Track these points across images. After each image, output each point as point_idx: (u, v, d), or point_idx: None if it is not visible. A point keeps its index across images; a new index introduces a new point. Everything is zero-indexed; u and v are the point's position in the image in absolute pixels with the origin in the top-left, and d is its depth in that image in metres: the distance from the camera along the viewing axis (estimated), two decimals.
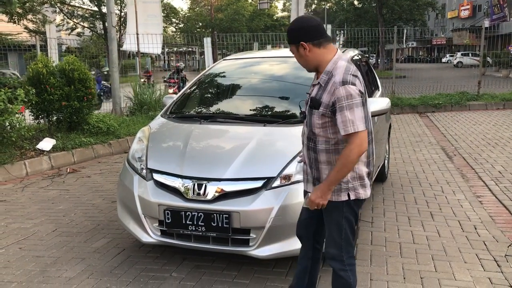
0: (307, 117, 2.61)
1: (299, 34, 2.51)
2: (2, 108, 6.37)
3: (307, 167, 2.71)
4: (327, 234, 2.70)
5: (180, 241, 3.43)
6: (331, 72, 2.48)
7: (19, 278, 3.56)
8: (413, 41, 59.10)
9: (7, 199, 5.61)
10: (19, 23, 24.37)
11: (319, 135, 2.54)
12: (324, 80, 2.50)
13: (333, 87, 2.43)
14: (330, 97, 2.44)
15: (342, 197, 2.54)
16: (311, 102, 2.55)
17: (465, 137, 9.06)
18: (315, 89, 2.56)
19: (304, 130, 2.69)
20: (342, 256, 2.65)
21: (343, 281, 2.68)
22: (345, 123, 2.38)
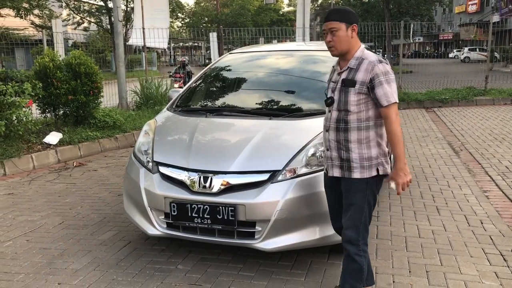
0: (340, 98, 2.75)
1: (353, 17, 2.75)
2: (9, 102, 6.40)
3: (331, 152, 2.82)
4: (347, 216, 2.78)
5: (186, 233, 3.44)
6: (361, 57, 2.73)
7: (26, 269, 3.59)
8: (420, 36, 58.77)
9: (14, 192, 5.65)
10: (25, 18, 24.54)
11: (353, 113, 2.71)
12: (355, 64, 2.72)
13: (370, 65, 2.67)
14: (366, 75, 2.66)
15: (373, 172, 2.73)
16: (345, 82, 2.73)
17: (472, 132, 9.02)
18: (345, 73, 2.75)
19: (330, 115, 2.82)
20: (358, 240, 2.76)
21: (356, 266, 2.76)
22: (386, 94, 2.64)
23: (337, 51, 2.76)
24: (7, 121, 6.53)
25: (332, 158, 2.83)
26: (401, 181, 2.67)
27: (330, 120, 2.82)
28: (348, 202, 2.79)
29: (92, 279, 3.42)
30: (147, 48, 13.04)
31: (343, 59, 2.81)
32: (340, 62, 2.84)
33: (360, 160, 2.73)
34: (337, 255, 3.68)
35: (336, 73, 2.84)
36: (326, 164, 2.91)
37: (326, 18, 2.76)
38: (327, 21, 2.73)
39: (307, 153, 3.42)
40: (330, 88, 2.87)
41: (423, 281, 3.32)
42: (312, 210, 3.27)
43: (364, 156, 2.73)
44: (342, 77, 2.76)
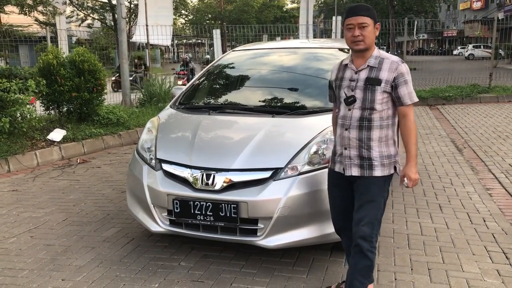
0: (364, 96, 2.75)
1: (376, 16, 2.80)
2: (13, 99, 6.43)
3: (350, 151, 2.82)
4: (364, 213, 2.78)
5: (188, 230, 3.46)
6: (379, 56, 2.77)
7: (31, 265, 3.62)
8: (424, 33, 58.55)
9: (18, 188, 5.68)
10: (29, 15, 24.60)
11: (377, 111, 2.75)
12: (375, 62, 2.76)
13: (394, 65, 2.73)
14: (391, 74, 2.72)
15: (392, 170, 2.81)
16: (370, 81, 2.74)
17: (476, 129, 9.00)
18: (366, 71, 2.76)
19: (350, 114, 2.81)
20: (372, 237, 2.77)
21: (368, 263, 2.77)
22: (410, 94, 2.74)
23: (364, 46, 2.73)
24: (11, 118, 6.56)
25: (351, 157, 2.81)
26: (414, 177, 2.75)
27: (351, 119, 2.80)
28: (366, 199, 2.79)
29: (96, 276, 3.44)
30: (150, 45, 13.05)
31: (360, 57, 2.79)
32: (354, 60, 2.82)
33: (380, 158, 2.77)
34: (339, 253, 3.69)
35: (351, 71, 2.81)
36: (342, 163, 2.86)
37: (353, 12, 2.74)
38: (357, 16, 2.72)
39: (310, 150, 3.43)
40: (347, 86, 2.82)
41: (425, 279, 3.32)
42: (314, 208, 3.28)
43: (384, 154, 2.78)
44: (363, 76, 2.75)
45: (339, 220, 3.04)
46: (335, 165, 2.93)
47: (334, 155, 2.96)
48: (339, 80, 2.89)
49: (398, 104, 2.76)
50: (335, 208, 3.04)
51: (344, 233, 3.04)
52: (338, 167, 2.90)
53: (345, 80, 2.84)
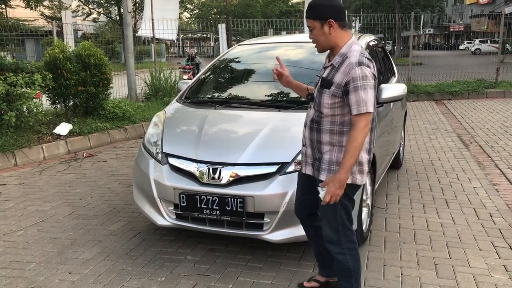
0: (316, 97, 2.66)
1: (328, 11, 2.52)
2: (19, 93, 6.45)
3: (306, 149, 2.75)
4: (322, 217, 2.73)
5: (195, 224, 3.47)
6: (346, 54, 2.53)
7: (38, 259, 3.64)
8: (430, 28, 58.20)
9: (25, 182, 5.71)
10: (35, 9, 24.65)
11: (327, 115, 2.58)
12: (338, 61, 2.54)
13: (349, 67, 2.47)
14: (343, 77, 2.48)
15: None
16: (322, 82, 2.59)
17: (482, 125, 8.95)
18: (327, 70, 2.61)
19: (309, 112, 2.74)
20: (340, 240, 2.68)
21: (341, 265, 2.72)
22: (358, 102, 2.44)
23: (319, 49, 2.63)
24: (18, 112, 6.58)
25: (307, 155, 2.75)
26: (333, 190, 2.46)
27: (308, 117, 2.73)
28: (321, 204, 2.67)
29: (102, 269, 3.46)
30: (156, 40, 13.04)
31: (331, 54, 2.63)
32: (330, 56, 2.66)
33: (329, 164, 2.60)
34: None
35: (323, 66, 2.70)
36: (301, 159, 2.84)
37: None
38: (306, 19, 2.60)
39: None
40: (314, 82, 2.76)
41: (432, 274, 3.32)
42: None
43: (333, 160, 2.58)
44: (323, 75, 2.62)
45: (298, 212, 2.98)
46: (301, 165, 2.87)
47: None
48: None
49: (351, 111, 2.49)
50: (296, 200, 2.97)
51: (303, 223, 3.03)
52: (301, 165, 2.88)
53: (319, 76, 2.70)
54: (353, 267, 2.71)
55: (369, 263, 3.48)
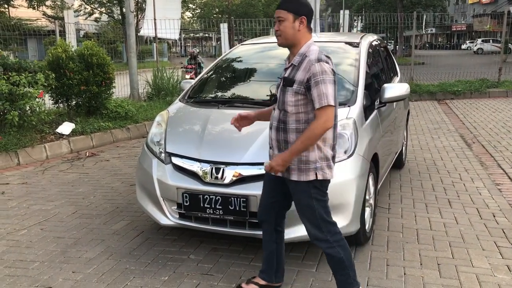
0: (280, 97, 2.70)
1: (304, 8, 2.64)
2: (22, 92, 6.46)
3: (273, 151, 2.78)
4: (301, 217, 2.79)
5: (198, 224, 3.47)
6: (305, 54, 2.63)
7: (41, 258, 3.65)
8: (432, 28, 58.12)
9: (28, 181, 5.72)
10: (38, 9, 24.68)
11: (291, 114, 2.64)
12: (298, 60, 2.64)
13: (309, 64, 2.58)
14: (305, 74, 2.58)
15: (310, 177, 2.66)
16: (285, 81, 2.66)
17: (485, 124, 8.94)
18: (288, 70, 2.68)
19: (273, 114, 2.77)
20: (325, 235, 2.74)
21: (334, 259, 2.77)
22: (320, 96, 2.54)
23: (281, 41, 2.66)
24: (21, 111, 6.60)
25: (273, 157, 2.75)
26: (274, 164, 2.61)
27: (273, 118, 2.76)
28: (296, 202, 2.78)
29: (106, 268, 3.46)
30: (158, 39, 13.04)
31: (291, 53, 2.71)
32: (289, 56, 2.74)
33: (298, 163, 2.65)
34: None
35: (284, 68, 2.75)
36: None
37: (278, 5, 2.66)
38: (277, 9, 2.64)
39: None
40: (276, 84, 2.79)
41: (435, 274, 3.31)
42: None
43: (302, 158, 2.64)
44: (284, 75, 2.69)
45: (262, 213, 2.99)
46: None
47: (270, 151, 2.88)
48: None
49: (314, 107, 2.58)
50: (263, 201, 2.99)
51: (264, 225, 3.02)
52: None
53: (281, 75, 2.76)
54: (345, 257, 2.77)
55: (372, 263, 3.48)
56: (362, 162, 3.51)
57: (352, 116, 3.68)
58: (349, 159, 3.43)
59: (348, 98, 3.96)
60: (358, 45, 4.63)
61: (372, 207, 3.94)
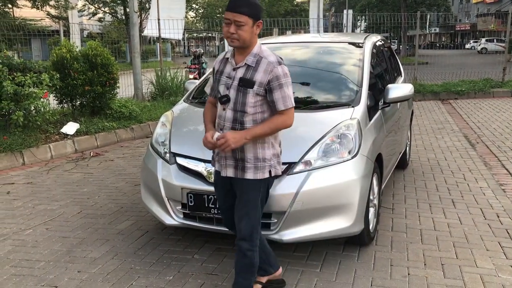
0: (238, 98, 2.67)
1: (260, 13, 2.66)
2: (27, 93, 6.50)
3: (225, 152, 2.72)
4: (243, 214, 2.77)
5: (202, 224, 3.49)
6: (258, 54, 2.65)
7: (47, 257, 3.68)
8: (436, 27, 57.98)
9: (33, 181, 5.75)
10: (42, 9, 24.77)
11: (249, 114, 2.67)
12: (253, 61, 2.64)
13: (270, 66, 2.61)
14: (266, 76, 2.61)
15: (266, 174, 2.74)
16: (242, 82, 2.64)
17: (489, 124, 8.92)
18: (242, 70, 2.66)
19: (225, 114, 2.71)
20: (254, 237, 2.78)
21: (248, 261, 2.79)
22: (285, 98, 2.64)
23: (239, 44, 2.61)
24: (26, 112, 6.63)
25: (227, 157, 2.75)
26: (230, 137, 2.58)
27: (225, 119, 2.71)
28: (243, 200, 2.77)
29: (111, 268, 3.48)
30: (161, 39, 13.07)
31: (240, 53, 2.68)
32: (236, 55, 2.70)
33: (254, 161, 2.70)
34: (352, 247, 3.70)
35: (230, 67, 2.71)
36: (219, 163, 2.82)
37: (232, 7, 2.56)
38: (235, 12, 2.55)
39: (323, 145, 3.43)
40: (224, 84, 2.71)
41: (439, 274, 3.32)
42: (327, 202, 3.29)
43: (259, 156, 2.70)
44: (239, 74, 2.66)
45: (228, 222, 2.98)
46: (215, 164, 2.88)
47: (215, 154, 2.86)
48: (219, 74, 2.77)
49: (273, 109, 2.66)
50: (221, 207, 3.00)
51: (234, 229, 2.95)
52: (217, 166, 2.86)
53: (224, 75, 2.73)
54: (256, 264, 2.83)
55: (376, 263, 3.49)
56: (366, 162, 3.52)
57: (356, 117, 3.69)
58: (353, 160, 3.43)
59: (352, 98, 3.97)
60: (362, 46, 4.64)
61: (376, 207, 3.95)
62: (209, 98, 2.93)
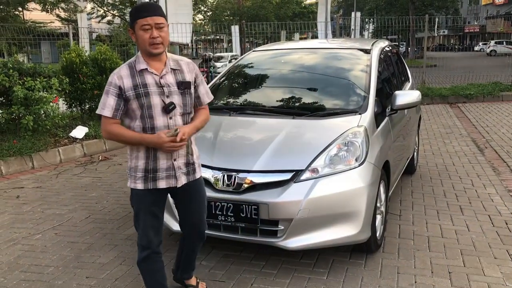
0: (183, 102, 2.68)
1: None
2: (37, 97, 6.56)
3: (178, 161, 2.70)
4: (199, 215, 2.94)
5: (209, 230, 3.48)
6: (172, 58, 2.71)
7: (56, 262, 3.71)
8: (445, 29, 57.70)
9: (42, 185, 5.80)
10: (51, 12, 24.99)
11: (191, 114, 2.78)
12: (174, 64, 2.70)
13: (190, 66, 2.77)
14: (192, 75, 2.75)
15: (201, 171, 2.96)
16: (183, 85, 2.68)
17: (497, 129, 8.87)
18: (171, 76, 2.66)
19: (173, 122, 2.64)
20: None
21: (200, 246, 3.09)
22: (207, 92, 2.89)
23: (163, 49, 2.59)
24: (35, 116, 6.69)
25: (181, 166, 2.71)
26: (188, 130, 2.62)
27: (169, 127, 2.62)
28: (201, 200, 2.91)
29: (119, 273, 3.51)
30: (170, 43, 13.14)
31: (157, 60, 2.62)
32: (151, 64, 2.60)
33: (196, 159, 2.86)
34: (359, 255, 3.70)
35: (153, 76, 2.59)
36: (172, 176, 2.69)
37: (149, 11, 2.52)
38: (154, 16, 2.51)
39: (330, 153, 3.44)
40: (158, 94, 2.58)
41: (446, 282, 3.31)
42: (335, 210, 3.29)
43: (197, 154, 2.88)
44: (171, 80, 2.62)
45: (155, 237, 2.79)
46: (157, 183, 2.67)
47: (154, 172, 2.66)
48: (140, 88, 2.56)
49: (198, 104, 2.82)
50: (153, 227, 2.77)
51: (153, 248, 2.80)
52: (166, 183, 2.69)
53: (150, 86, 2.58)
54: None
55: (382, 271, 3.48)
56: (373, 170, 3.52)
57: (363, 124, 3.69)
58: (360, 167, 3.44)
59: (359, 105, 3.97)
60: (370, 52, 4.65)
61: (383, 214, 3.95)
62: (111, 120, 2.63)
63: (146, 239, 2.76)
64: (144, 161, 2.65)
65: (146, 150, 2.64)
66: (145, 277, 2.86)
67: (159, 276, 2.85)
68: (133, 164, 2.69)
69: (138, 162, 2.66)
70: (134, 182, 2.69)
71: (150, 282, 2.85)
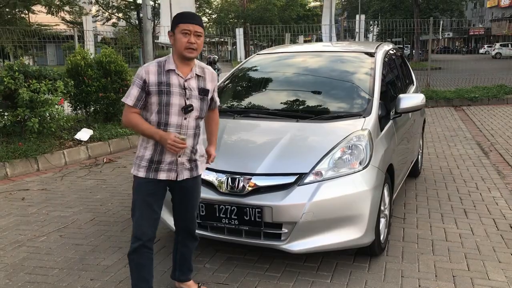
0: (200, 106, 2.86)
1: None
2: (43, 100, 6.60)
3: (182, 158, 2.86)
4: (191, 213, 3.09)
5: (213, 233, 3.52)
6: (198, 65, 2.90)
7: (60, 265, 3.73)
8: (450, 32, 57.59)
9: (47, 187, 5.83)
10: (57, 15, 25.13)
11: (202, 119, 2.96)
12: (199, 71, 2.88)
13: (214, 75, 2.98)
14: (212, 84, 2.95)
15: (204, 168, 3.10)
16: (203, 92, 2.87)
17: (502, 132, 8.84)
18: (195, 81, 2.84)
19: (187, 124, 2.82)
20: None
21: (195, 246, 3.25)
22: (218, 99, 3.12)
23: (196, 54, 2.81)
24: (41, 118, 6.73)
25: (184, 162, 2.87)
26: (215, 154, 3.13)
27: (187, 128, 2.82)
28: (196, 197, 3.06)
29: (123, 276, 3.52)
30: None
31: (186, 65, 2.81)
32: (179, 67, 2.79)
33: (201, 156, 2.99)
34: (363, 258, 3.70)
35: (179, 78, 2.76)
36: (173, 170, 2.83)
37: (192, 19, 2.75)
38: (196, 24, 2.74)
39: (334, 156, 3.44)
40: (178, 94, 2.75)
41: (450, 286, 3.30)
42: (338, 213, 3.30)
43: (203, 153, 3.01)
44: (194, 85, 2.82)
45: (149, 229, 2.88)
46: (158, 174, 2.82)
47: (158, 163, 2.81)
48: (164, 86, 2.74)
49: (213, 107, 3.07)
50: (149, 219, 2.86)
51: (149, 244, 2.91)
52: (166, 175, 2.83)
53: (174, 86, 2.76)
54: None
55: (386, 274, 3.48)
56: (377, 173, 3.52)
57: (367, 127, 3.70)
58: (364, 171, 3.44)
59: (363, 108, 3.98)
60: (374, 55, 4.65)
61: (387, 218, 3.94)
62: (132, 109, 2.81)
63: (140, 230, 2.87)
64: (152, 152, 2.82)
65: (156, 143, 2.80)
66: (132, 269, 2.95)
67: (145, 272, 2.92)
68: (141, 153, 2.86)
69: (145, 152, 2.84)
70: (137, 169, 2.87)
71: (136, 276, 2.93)
